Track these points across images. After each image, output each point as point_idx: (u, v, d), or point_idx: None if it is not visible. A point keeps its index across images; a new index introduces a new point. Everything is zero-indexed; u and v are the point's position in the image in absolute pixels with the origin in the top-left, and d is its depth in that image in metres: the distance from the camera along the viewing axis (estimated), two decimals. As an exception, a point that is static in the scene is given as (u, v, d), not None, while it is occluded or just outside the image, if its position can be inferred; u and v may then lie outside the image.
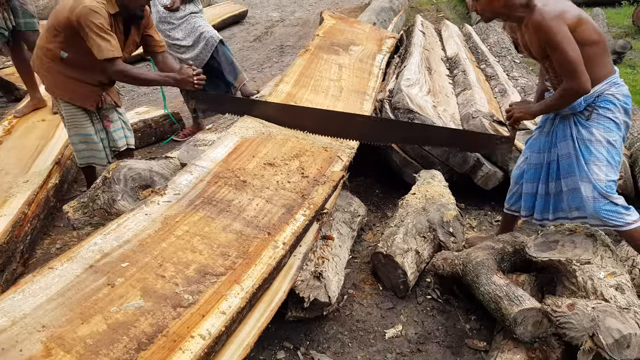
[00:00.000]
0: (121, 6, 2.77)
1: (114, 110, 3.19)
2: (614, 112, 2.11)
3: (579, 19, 2.05)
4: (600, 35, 2.10)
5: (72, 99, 2.98)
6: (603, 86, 2.11)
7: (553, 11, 2.02)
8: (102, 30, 2.65)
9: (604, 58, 2.11)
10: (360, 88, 3.63)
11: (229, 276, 1.70)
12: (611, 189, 2.11)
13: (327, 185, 2.29)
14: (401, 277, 2.43)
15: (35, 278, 1.55)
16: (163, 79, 2.92)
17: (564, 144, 2.25)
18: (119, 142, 3.21)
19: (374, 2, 7.32)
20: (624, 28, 7.14)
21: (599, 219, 2.12)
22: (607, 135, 2.11)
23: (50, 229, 3.19)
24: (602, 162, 2.11)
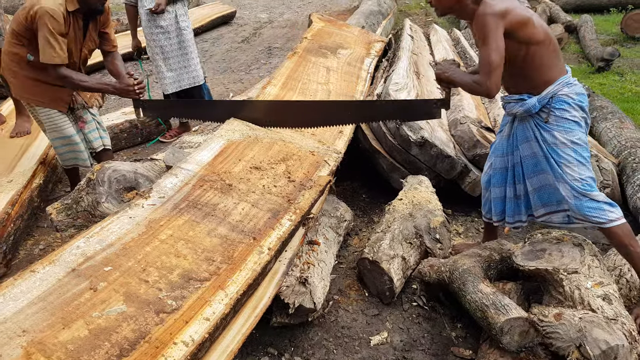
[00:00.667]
0: (81, 2, 2.79)
1: (87, 111, 3.18)
2: (571, 111, 2.14)
3: (525, 18, 2.09)
4: (548, 36, 2.13)
5: (43, 103, 2.97)
6: (556, 87, 2.14)
7: (496, 7, 2.06)
8: (51, 34, 2.69)
9: (554, 59, 2.15)
10: (348, 92, 3.64)
11: (213, 282, 1.68)
12: (589, 186, 2.13)
13: (313, 190, 2.28)
14: (387, 284, 2.42)
15: (17, 281, 1.51)
16: (103, 87, 2.97)
17: (525, 146, 2.28)
18: (94, 142, 3.20)
19: (363, 5, 7.34)
20: (612, 35, 7.23)
21: (582, 216, 2.14)
22: (569, 136, 2.14)
23: (33, 230, 3.14)
24: (572, 163, 2.14)
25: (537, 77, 2.16)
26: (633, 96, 4.95)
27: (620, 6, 8.34)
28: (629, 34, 6.87)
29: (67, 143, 3.06)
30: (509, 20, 2.06)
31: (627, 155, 3.24)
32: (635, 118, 4.23)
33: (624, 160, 3.24)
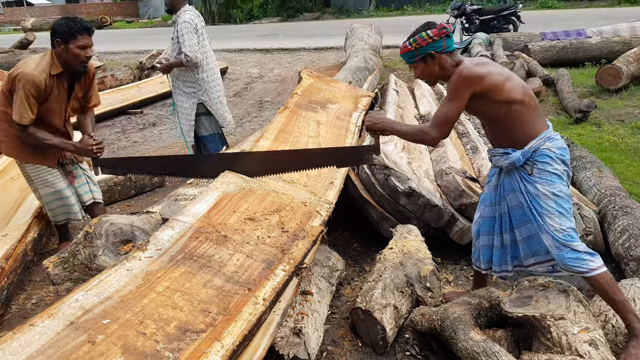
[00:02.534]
0: (63, 65, 2.95)
1: (77, 166, 3.28)
2: (552, 164, 2.25)
3: (504, 79, 2.23)
4: (527, 95, 2.27)
5: (32, 159, 3.08)
6: (538, 141, 2.26)
7: (468, 72, 2.23)
8: (26, 97, 2.86)
9: (534, 116, 2.27)
10: (337, 144, 3.75)
11: (210, 333, 1.70)
12: (570, 237, 2.20)
13: (306, 240, 2.33)
14: (380, 333, 2.44)
15: (16, 335, 1.53)
16: (65, 146, 3.11)
17: (512, 196, 2.38)
18: (84, 196, 3.28)
19: (350, 62, 7.62)
20: (588, 88, 7.52)
21: (564, 267, 2.22)
22: (551, 188, 2.24)
23: (26, 284, 3.13)
24: (553, 214, 2.22)
25: (520, 133, 2.28)
26: (610, 146, 5.14)
27: (594, 60, 8.73)
28: (603, 86, 7.17)
29: (59, 197, 3.14)
30: (481, 86, 2.21)
31: (607, 203, 3.35)
32: (613, 167, 4.38)
33: (604, 208, 3.35)
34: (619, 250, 2.95)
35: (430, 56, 2.32)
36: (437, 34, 2.29)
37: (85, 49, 2.94)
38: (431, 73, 2.38)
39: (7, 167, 4.07)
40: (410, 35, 2.37)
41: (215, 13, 27.01)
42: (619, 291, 2.19)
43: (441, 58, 2.32)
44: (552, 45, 9.07)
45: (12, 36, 20.25)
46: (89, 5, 38.00)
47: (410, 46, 2.35)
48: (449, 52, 2.33)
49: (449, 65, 2.32)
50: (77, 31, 2.87)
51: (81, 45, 2.91)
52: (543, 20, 15.13)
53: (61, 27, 2.88)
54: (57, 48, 2.92)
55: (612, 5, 19.92)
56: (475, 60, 2.37)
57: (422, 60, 2.35)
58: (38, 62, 2.92)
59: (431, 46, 2.30)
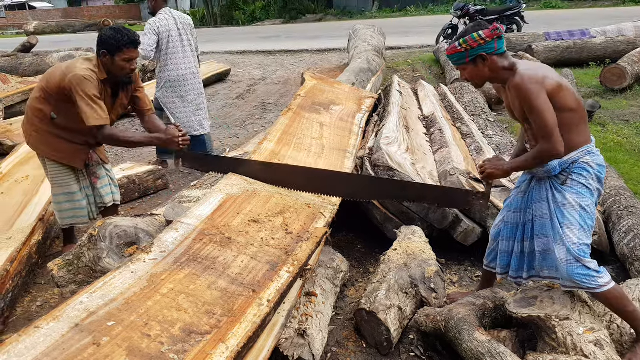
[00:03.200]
0: (109, 73, 2.93)
1: (102, 167, 3.27)
2: (587, 178, 2.19)
3: (559, 85, 2.15)
4: (579, 104, 2.20)
5: (60, 158, 3.06)
6: (578, 154, 2.19)
7: (534, 76, 2.14)
8: (90, 98, 2.80)
9: (581, 126, 2.20)
10: (341, 146, 3.75)
11: (214, 335, 1.71)
12: (584, 253, 2.16)
13: (310, 242, 2.34)
14: (384, 334, 2.44)
15: (21, 338, 1.54)
16: (150, 140, 3.05)
17: (538, 206, 2.32)
18: (105, 198, 3.27)
19: (353, 63, 7.62)
20: (592, 88, 7.50)
21: (572, 282, 2.16)
22: (580, 200, 2.19)
23: (30, 286, 3.14)
24: (574, 226, 2.17)
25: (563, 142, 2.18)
26: (615, 146, 5.13)
27: (598, 60, 8.71)
28: (608, 86, 7.15)
29: (70, 200, 3.14)
30: (547, 86, 2.12)
31: (612, 203, 3.34)
32: (617, 167, 4.37)
33: (609, 208, 3.34)
34: (624, 251, 2.94)
35: (482, 58, 2.22)
36: (489, 35, 2.19)
37: (131, 62, 2.91)
38: (481, 75, 2.28)
39: (12, 170, 4.09)
40: (460, 36, 2.25)
41: (218, 15, 27.08)
42: (628, 303, 2.16)
43: (492, 60, 2.22)
44: (556, 46, 9.05)
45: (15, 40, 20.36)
46: (91, 8, 38.16)
47: (460, 47, 2.24)
48: (500, 54, 2.23)
49: (500, 67, 2.24)
50: (123, 44, 2.84)
51: (127, 58, 2.88)
52: (547, 20, 15.10)
53: (108, 38, 2.84)
54: (102, 58, 2.89)
55: (616, 4, 19.88)
56: (531, 64, 2.28)
57: (472, 62, 2.25)
58: (87, 65, 2.88)
59: (482, 47, 2.20)
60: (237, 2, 27.34)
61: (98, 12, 35.12)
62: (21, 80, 7.92)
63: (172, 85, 4.94)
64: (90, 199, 3.23)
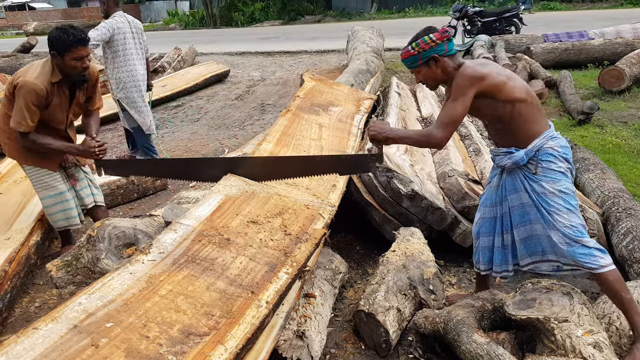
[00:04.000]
0: (62, 74, 2.94)
1: (79, 169, 3.29)
2: (557, 162, 2.27)
3: (503, 80, 2.25)
4: (529, 94, 2.30)
5: (34, 162, 3.09)
6: (540, 140, 2.28)
7: (473, 71, 2.25)
8: (26, 105, 2.86)
9: (536, 115, 2.30)
10: (340, 147, 3.76)
11: (213, 336, 1.70)
12: (580, 232, 2.22)
13: (309, 243, 2.33)
14: (383, 336, 2.44)
15: (20, 339, 1.53)
16: (67, 149, 3.10)
17: (514, 196, 2.39)
18: (85, 199, 3.30)
19: (352, 65, 7.63)
20: (591, 89, 7.51)
21: (574, 261, 2.23)
22: (557, 185, 2.26)
23: (29, 287, 3.14)
24: (562, 211, 2.24)
25: (522, 132, 2.30)
26: (613, 147, 5.13)
27: (596, 62, 8.73)
28: (606, 88, 7.16)
29: (58, 201, 3.14)
30: (485, 84, 2.23)
31: (611, 205, 3.34)
32: (616, 169, 4.37)
33: (607, 210, 3.34)
34: (623, 253, 2.94)
35: (434, 60, 2.33)
36: (439, 38, 2.31)
37: (82, 60, 2.91)
38: (434, 77, 2.39)
39: (11, 170, 4.08)
40: (412, 40, 2.37)
41: (217, 16, 27.07)
42: (627, 290, 2.19)
43: (444, 61, 2.34)
44: (554, 47, 9.06)
45: (15, 40, 20.34)
46: (90, 9, 38.09)
47: (412, 50, 2.36)
48: (450, 56, 2.35)
49: (451, 68, 2.34)
50: (70, 44, 2.83)
51: (76, 57, 2.88)
52: (545, 22, 15.13)
53: (55, 39, 2.85)
54: (54, 59, 2.91)
55: (614, 6, 19.92)
56: (477, 61, 2.40)
57: (424, 64, 2.36)
58: (39, 70, 2.91)
59: (434, 50, 2.32)
60: (236, 3, 27.34)
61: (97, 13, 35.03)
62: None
63: (132, 85, 5.03)
64: (75, 200, 3.25)
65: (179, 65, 10.58)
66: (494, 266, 2.57)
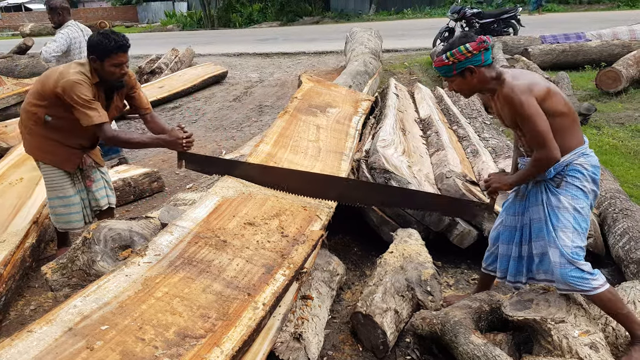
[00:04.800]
0: (100, 78, 2.90)
1: (97, 170, 3.25)
2: (582, 180, 2.20)
3: (547, 91, 2.16)
4: (569, 107, 2.21)
5: (52, 161, 3.04)
6: (572, 156, 2.20)
7: (522, 85, 2.15)
8: (86, 101, 2.79)
9: (573, 129, 2.22)
10: (337, 148, 3.75)
11: (209, 339, 1.70)
12: (577, 255, 2.17)
13: (306, 245, 2.33)
14: (381, 338, 2.43)
15: (14, 342, 1.52)
16: (153, 141, 2.98)
17: (535, 209, 2.33)
18: (101, 201, 3.26)
19: (350, 66, 7.63)
20: (588, 91, 7.53)
21: (566, 284, 2.17)
22: (574, 202, 2.20)
23: (24, 290, 3.12)
24: (568, 229, 2.18)
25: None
26: (610, 149, 5.14)
27: (594, 63, 8.75)
28: (603, 89, 7.18)
29: (65, 204, 3.12)
30: (535, 93, 2.14)
31: (608, 206, 3.34)
32: (613, 170, 4.38)
33: (604, 210, 3.34)
34: (619, 253, 2.94)
35: (469, 70, 2.23)
36: (476, 48, 2.19)
37: (121, 66, 2.88)
38: (469, 87, 2.30)
39: (6, 172, 4.06)
40: (447, 48, 2.25)
41: (215, 17, 27.05)
42: (622, 305, 2.17)
43: (480, 72, 2.23)
44: (552, 49, 9.08)
45: (11, 41, 20.30)
46: (87, 9, 38.06)
47: (447, 60, 2.24)
48: (487, 65, 2.24)
49: (488, 78, 2.25)
50: (111, 49, 2.80)
51: (116, 63, 2.84)
52: (543, 23, 15.16)
53: (96, 44, 2.81)
54: (92, 63, 2.87)
55: (611, 8, 19.97)
56: (516, 72, 2.29)
57: (459, 74, 2.26)
58: (78, 69, 2.86)
59: (470, 60, 2.20)
60: (234, 5, 27.31)
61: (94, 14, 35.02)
62: (16, 82, 7.88)
63: None
64: (85, 202, 3.22)
65: (176, 66, 10.57)
66: (508, 275, 2.52)
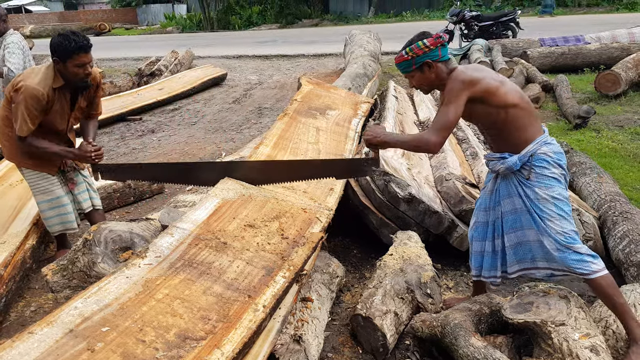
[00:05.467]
0: (64, 79, 2.93)
1: (78, 173, 3.28)
2: (550, 168, 2.27)
3: (494, 87, 2.25)
4: (523, 99, 2.30)
5: (32, 165, 3.08)
6: (534, 146, 2.28)
7: (465, 76, 2.27)
8: (28, 111, 2.85)
9: (530, 120, 2.30)
10: (337, 151, 3.76)
11: (210, 340, 1.70)
12: (572, 239, 2.22)
13: (306, 247, 2.33)
14: (380, 340, 2.43)
15: (15, 343, 1.52)
16: (65, 153, 3.09)
17: (508, 201, 2.39)
18: (83, 203, 3.28)
19: (349, 68, 7.64)
20: (587, 93, 7.54)
21: (566, 267, 2.23)
22: (550, 191, 2.26)
23: (24, 291, 3.12)
24: (554, 217, 2.25)
25: (516, 137, 2.31)
26: (610, 151, 5.15)
27: (593, 66, 8.76)
28: (602, 92, 7.19)
29: (55, 205, 3.13)
30: (478, 89, 2.24)
31: (607, 209, 3.35)
32: (612, 173, 4.38)
33: (604, 213, 3.35)
34: (619, 256, 2.95)
35: (427, 65, 2.35)
36: (433, 43, 2.32)
37: (84, 67, 2.88)
38: (427, 82, 2.41)
39: (7, 173, 4.07)
40: (406, 45, 2.39)
41: (214, 20, 27.08)
42: (620, 295, 2.20)
43: (437, 67, 2.35)
44: (551, 51, 9.10)
45: (12, 43, 20.23)
46: (87, 12, 38.12)
47: (406, 55, 2.37)
48: (444, 61, 2.36)
49: (444, 73, 2.35)
50: (72, 50, 2.81)
51: (78, 63, 2.85)
52: (542, 26, 15.19)
53: (57, 45, 2.82)
54: (56, 65, 2.89)
55: (610, 11, 20.02)
56: (470, 66, 2.41)
57: (418, 69, 2.38)
58: (41, 75, 2.89)
59: (427, 55, 2.33)
60: (233, 7, 27.35)
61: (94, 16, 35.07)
62: (16, 83, 7.89)
63: None
64: (73, 205, 3.24)
65: (176, 68, 10.58)
66: (483, 271, 2.57)
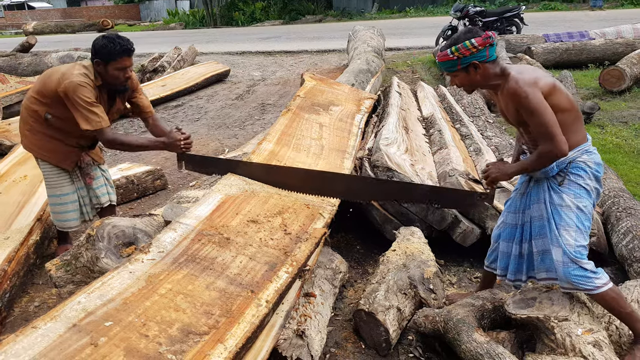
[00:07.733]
0: (103, 81, 2.90)
1: (97, 167, 3.26)
2: (585, 178, 2.18)
3: (552, 86, 2.14)
4: (573, 104, 2.18)
5: (50, 159, 3.06)
6: (575, 153, 2.18)
7: (527, 78, 2.13)
8: (88, 104, 2.79)
9: (576, 126, 2.19)
10: (340, 146, 3.75)
11: (213, 335, 1.70)
12: (580, 254, 2.15)
13: (309, 242, 2.33)
14: (383, 335, 2.44)
15: (18, 338, 1.53)
16: (152, 144, 3.00)
17: (536, 207, 2.31)
18: (101, 198, 3.26)
19: (352, 64, 7.62)
20: (591, 89, 7.50)
21: (569, 283, 2.16)
22: (577, 201, 2.18)
23: (28, 287, 3.13)
24: (571, 228, 2.16)
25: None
26: (614, 147, 5.13)
27: (597, 62, 8.72)
28: (607, 88, 7.16)
29: (61, 202, 3.13)
30: (541, 87, 2.11)
31: (611, 205, 3.34)
32: (616, 169, 4.37)
33: (608, 209, 3.34)
34: (623, 252, 2.94)
35: (474, 66, 2.20)
36: (482, 44, 2.17)
37: (125, 70, 2.87)
38: (472, 82, 2.27)
39: (10, 169, 4.08)
40: (452, 43, 2.22)
41: (218, 16, 27.06)
42: (625, 304, 2.16)
43: (484, 67, 2.21)
44: (555, 47, 9.06)
45: (14, 39, 20.34)
46: (90, 8, 38.14)
47: (452, 55, 2.21)
48: (492, 61, 2.21)
49: (492, 74, 2.22)
50: (116, 54, 2.79)
51: (120, 67, 2.84)
52: (546, 22, 15.12)
53: (101, 48, 2.80)
54: (96, 67, 2.86)
55: (615, 7, 19.90)
56: (521, 67, 2.27)
57: (463, 69, 2.23)
58: (83, 72, 2.85)
59: (475, 56, 2.18)
60: (236, 3, 27.33)
61: (97, 12, 35.10)
62: (20, 80, 7.92)
63: None
64: (85, 200, 3.23)
65: (178, 64, 10.58)
66: (508, 274, 2.50)
